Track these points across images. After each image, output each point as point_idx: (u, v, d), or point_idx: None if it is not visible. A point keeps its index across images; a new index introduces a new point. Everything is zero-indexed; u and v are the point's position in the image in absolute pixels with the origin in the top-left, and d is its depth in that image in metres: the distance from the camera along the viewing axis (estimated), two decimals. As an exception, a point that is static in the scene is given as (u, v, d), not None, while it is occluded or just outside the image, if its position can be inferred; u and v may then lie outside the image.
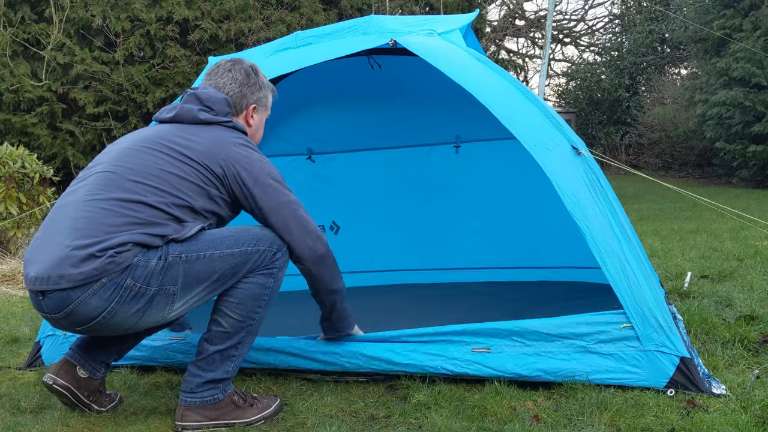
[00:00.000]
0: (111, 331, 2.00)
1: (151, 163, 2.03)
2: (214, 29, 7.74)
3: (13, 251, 5.60)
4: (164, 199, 1.98)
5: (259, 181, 2.10)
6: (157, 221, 1.96)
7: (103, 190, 1.98)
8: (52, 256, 1.89)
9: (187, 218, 2.01)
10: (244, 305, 2.06)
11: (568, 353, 2.25)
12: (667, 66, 18.11)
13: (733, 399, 2.07)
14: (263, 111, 2.39)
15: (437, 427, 2.00)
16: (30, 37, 7.78)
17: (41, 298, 1.91)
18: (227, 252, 2.02)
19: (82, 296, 1.87)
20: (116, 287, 1.88)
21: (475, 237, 3.97)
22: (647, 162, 16.03)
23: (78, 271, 1.85)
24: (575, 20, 21.08)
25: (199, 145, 2.08)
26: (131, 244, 1.90)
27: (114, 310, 1.90)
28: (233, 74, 2.30)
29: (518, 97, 2.49)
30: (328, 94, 3.76)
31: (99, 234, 1.89)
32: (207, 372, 2.06)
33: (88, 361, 2.18)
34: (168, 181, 2.00)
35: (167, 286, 1.95)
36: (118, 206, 1.94)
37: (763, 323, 2.83)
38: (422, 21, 2.79)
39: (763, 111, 11.35)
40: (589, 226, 2.30)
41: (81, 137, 7.74)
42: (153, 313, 1.97)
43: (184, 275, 1.96)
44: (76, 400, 2.16)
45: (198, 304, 2.07)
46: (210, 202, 2.07)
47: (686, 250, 4.95)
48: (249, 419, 2.10)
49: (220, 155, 2.08)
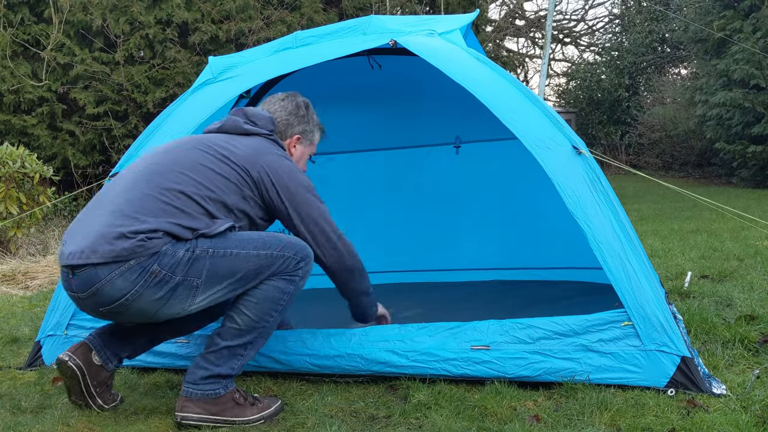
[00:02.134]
0: (132, 316, 2.04)
1: (193, 158, 2.14)
2: (213, 31, 7.73)
3: (13, 251, 5.60)
4: (200, 191, 2.07)
5: (293, 192, 2.20)
6: (191, 212, 2.04)
7: (146, 177, 2.08)
8: (90, 232, 1.98)
9: (219, 214, 2.09)
10: (260, 306, 2.10)
11: (568, 352, 2.25)
12: (667, 66, 18.11)
13: (734, 399, 2.07)
14: (307, 145, 2.52)
15: (437, 427, 2.00)
16: (30, 38, 7.78)
17: (71, 276, 1.98)
18: (253, 253, 2.08)
19: (110, 275, 1.93)
20: (143, 271, 1.94)
21: (475, 238, 3.97)
22: (647, 162, 16.03)
23: (110, 248, 1.93)
24: (575, 20, 21.11)
25: (241, 151, 2.20)
26: (162, 232, 1.97)
27: (138, 293, 1.95)
28: (284, 103, 2.47)
29: (518, 97, 2.49)
30: (328, 94, 3.75)
31: (135, 216, 1.98)
32: (213, 366, 2.08)
33: (104, 350, 2.21)
34: (206, 176, 2.11)
35: (191, 278, 2.00)
36: (157, 192, 2.04)
37: (764, 323, 2.83)
38: (422, 21, 2.79)
39: (762, 112, 11.35)
40: (590, 226, 2.30)
41: (81, 137, 7.74)
42: (174, 303, 2.01)
43: (209, 270, 2.02)
44: (83, 387, 2.17)
45: (219, 300, 2.10)
46: (243, 201, 2.16)
47: (686, 249, 4.95)
48: (248, 418, 2.10)
49: (259, 162, 2.19)
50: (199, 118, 2.74)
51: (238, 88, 2.78)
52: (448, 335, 2.35)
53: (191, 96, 2.83)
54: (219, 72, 2.83)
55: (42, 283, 4.74)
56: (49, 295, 4.13)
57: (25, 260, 5.39)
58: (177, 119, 2.79)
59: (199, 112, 2.76)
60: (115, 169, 2.80)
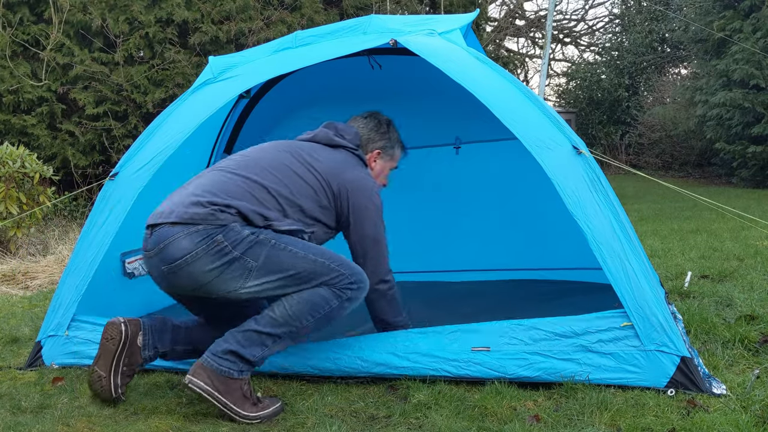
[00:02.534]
0: (185, 280, 2.15)
1: (280, 159, 2.35)
2: (213, 32, 7.72)
3: (13, 251, 5.60)
4: (280, 189, 2.26)
5: (360, 209, 2.39)
6: (267, 204, 2.22)
7: (233, 168, 2.30)
8: (173, 201, 2.22)
9: (292, 215, 2.27)
10: (300, 305, 2.16)
11: (568, 352, 2.25)
12: (667, 66, 18.11)
13: (734, 399, 2.07)
14: (388, 160, 2.68)
15: (437, 427, 2.00)
16: (29, 38, 7.77)
17: (149, 236, 2.19)
18: (311, 257, 2.19)
19: (179, 234, 2.11)
20: (207, 236, 2.10)
21: (475, 238, 3.97)
22: (647, 162, 16.03)
23: (185, 210, 2.15)
24: (575, 20, 21.11)
25: (325, 163, 2.40)
26: (235, 210, 2.16)
27: (197, 256, 2.10)
28: (367, 121, 2.66)
29: (519, 97, 2.49)
30: (328, 94, 3.75)
31: (214, 192, 2.19)
32: (237, 344, 2.12)
33: (150, 335, 2.30)
34: (290, 178, 2.30)
35: (248, 259, 2.12)
36: (240, 180, 2.24)
37: (764, 323, 2.83)
38: (422, 21, 2.79)
39: (762, 112, 11.34)
40: (590, 226, 2.30)
41: (81, 137, 7.74)
42: (226, 279, 2.12)
43: (266, 257, 2.13)
44: (115, 357, 2.22)
45: (267, 294, 2.18)
46: (318, 208, 2.34)
47: (686, 249, 4.95)
48: (246, 413, 2.11)
49: (342, 176, 2.39)
50: (200, 118, 2.74)
51: (238, 88, 2.78)
52: (450, 340, 2.36)
53: (191, 96, 2.83)
54: (219, 72, 2.83)
55: (42, 283, 4.74)
56: (49, 295, 4.13)
57: (25, 260, 5.39)
58: (177, 119, 2.79)
59: (200, 112, 2.76)
60: (116, 169, 2.80)
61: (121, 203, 2.72)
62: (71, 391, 2.40)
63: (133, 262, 3.06)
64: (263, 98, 3.70)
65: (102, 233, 2.72)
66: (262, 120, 3.80)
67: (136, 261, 3.09)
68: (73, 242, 5.91)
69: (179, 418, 2.14)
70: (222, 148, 3.79)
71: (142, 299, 3.14)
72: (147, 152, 2.76)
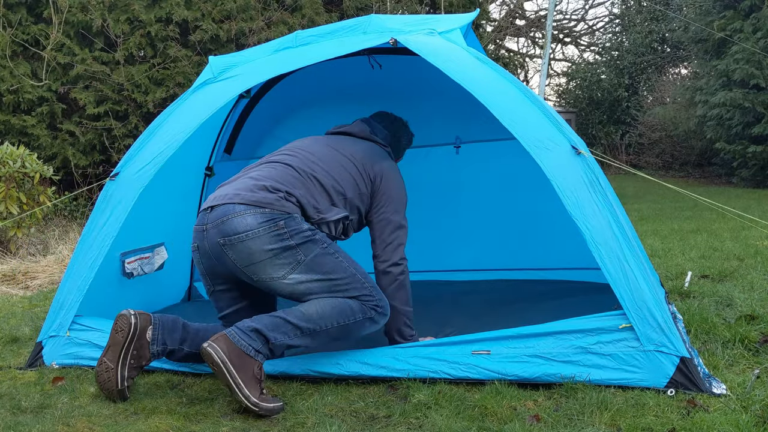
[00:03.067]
0: (238, 255, 2.28)
1: (326, 153, 2.56)
2: (214, 30, 7.71)
3: (14, 251, 5.60)
4: (329, 181, 2.46)
5: (389, 194, 2.57)
6: (318, 198, 2.41)
7: (288, 161, 2.49)
8: (239, 186, 2.37)
9: (338, 204, 2.46)
10: (329, 309, 2.27)
11: (568, 354, 2.25)
12: (667, 66, 18.10)
13: (734, 399, 2.07)
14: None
15: (437, 427, 2.00)
16: (29, 38, 7.76)
17: (209, 212, 2.34)
18: (352, 270, 2.35)
19: (245, 211, 2.27)
20: (271, 219, 2.26)
21: (475, 238, 3.97)
22: (647, 162, 16.02)
23: (252, 194, 2.31)
24: (575, 20, 21.09)
25: (361, 153, 2.61)
26: (296, 198, 2.35)
27: (257, 234, 2.25)
28: (400, 127, 2.96)
29: (518, 97, 2.49)
30: (328, 93, 3.75)
31: (276, 180, 2.38)
32: (264, 326, 2.19)
33: (159, 330, 2.35)
34: (336, 170, 2.50)
35: (300, 252, 2.28)
36: (293, 172, 2.44)
37: (764, 323, 2.83)
38: (422, 20, 2.79)
39: (762, 112, 11.33)
40: (588, 226, 2.30)
41: (81, 137, 7.73)
42: (276, 264, 2.26)
43: (316, 255, 2.30)
44: (123, 348, 2.26)
45: (304, 290, 2.29)
46: (358, 196, 2.53)
47: (687, 249, 4.95)
48: (251, 397, 2.11)
49: (377, 164, 2.61)
50: (200, 118, 2.74)
51: (238, 87, 2.78)
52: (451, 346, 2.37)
53: (192, 95, 2.83)
54: (219, 71, 2.83)
55: (42, 283, 4.74)
56: (50, 295, 4.13)
57: (26, 260, 5.39)
58: (178, 119, 2.79)
59: (200, 111, 2.76)
60: (117, 169, 2.80)
61: (122, 203, 2.72)
62: (71, 391, 2.40)
63: (133, 262, 3.06)
64: (263, 98, 3.71)
65: (103, 234, 2.72)
66: (262, 120, 3.81)
67: (136, 261, 3.09)
68: (73, 242, 5.91)
69: (179, 418, 2.14)
70: (222, 148, 3.79)
71: (141, 299, 3.14)
72: (148, 152, 2.76)
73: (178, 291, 3.71)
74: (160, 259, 3.28)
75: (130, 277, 3.06)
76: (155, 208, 3.11)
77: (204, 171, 3.73)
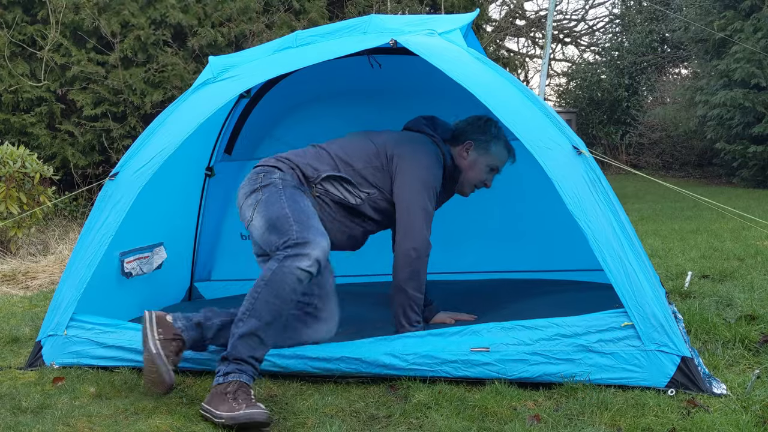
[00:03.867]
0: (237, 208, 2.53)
1: (353, 137, 2.71)
2: (212, 35, 7.67)
3: (14, 251, 5.60)
4: (338, 152, 2.61)
5: (403, 174, 2.58)
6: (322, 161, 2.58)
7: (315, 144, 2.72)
8: None
9: (343, 172, 2.57)
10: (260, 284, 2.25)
11: (568, 352, 2.25)
12: (667, 66, 18.10)
13: (734, 399, 2.07)
14: (482, 153, 2.77)
15: (438, 427, 2.00)
16: (26, 38, 7.75)
17: None
18: (285, 212, 2.34)
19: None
20: (255, 172, 2.55)
21: (475, 238, 3.96)
22: (648, 162, 16.03)
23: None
24: (575, 20, 21.09)
25: (387, 137, 2.69)
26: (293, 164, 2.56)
27: (243, 184, 2.54)
28: (471, 118, 2.82)
29: (519, 97, 2.49)
30: (328, 93, 3.75)
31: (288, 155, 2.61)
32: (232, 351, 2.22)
33: (180, 313, 2.42)
34: (349, 147, 2.64)
35: (261, 193, 2.44)
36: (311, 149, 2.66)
37: (764, 323, 2.83)
38: (422, 20, 2.79)
39: (763, 112, 11.34)
40: (590, 226, 2.30)
41: (80, 137, 7.72)
42: (246, 206, 2.46)
43: (270, 195, 2.41)
44: (149, 332, 2.30)
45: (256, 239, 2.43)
46: (370, 169, 2.59)
47: (687, 249, 4.95)
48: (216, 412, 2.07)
49: (399, 146, 2.63)
50: (200, 118, 2.73)
51: (238, 87, 2.78)
52: (450, 341, 2.36)
53: (192, 95, 2.82)
54: (219, 71, 2.82)
55: (42, 283, 4.74)
56: (50, 295, 4.13)
57: (26, 260, 5.39)
58: (177, 119, 2.78)
59: (200, 111, 2.76)
60: (116, 168, 2.80)
61: (121, 203, 2.72)
62: (71, 390, 2.40)
63: (132, 262, 3.06)
64: (263, 98, 3.70)
65: (101, 233, 2.72)
66: (262, 120, 3.80)
67: (135, 261, 3.08)
68: (73, 242, 5.91)
69: (180, 418, 2.14)
70: (222, 148, 3.79)
71: (141, 299, 3.14)
72: (147, 152, 2.76)
73: (178, 291, 3.71)
74: (159, 259, 3.28)
75: (128, 277, 3.06)
76: (155, 208, 3.11)
77: (204, 171, 3.73)
